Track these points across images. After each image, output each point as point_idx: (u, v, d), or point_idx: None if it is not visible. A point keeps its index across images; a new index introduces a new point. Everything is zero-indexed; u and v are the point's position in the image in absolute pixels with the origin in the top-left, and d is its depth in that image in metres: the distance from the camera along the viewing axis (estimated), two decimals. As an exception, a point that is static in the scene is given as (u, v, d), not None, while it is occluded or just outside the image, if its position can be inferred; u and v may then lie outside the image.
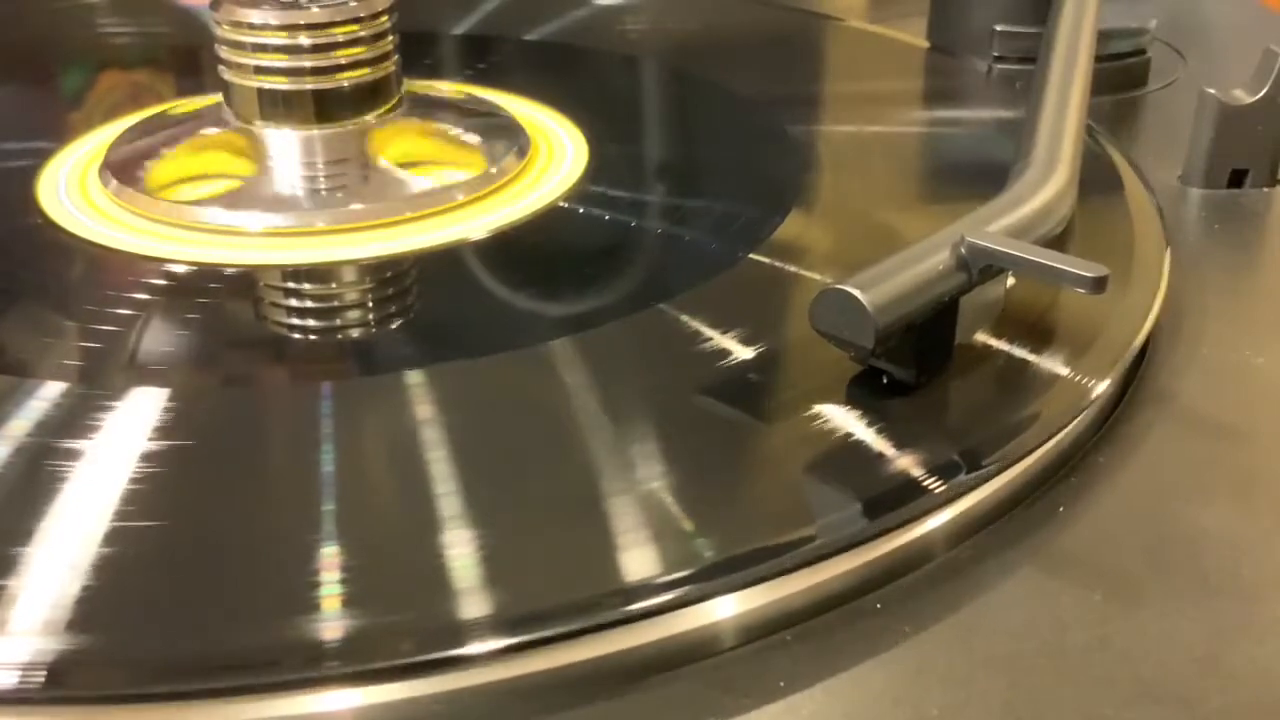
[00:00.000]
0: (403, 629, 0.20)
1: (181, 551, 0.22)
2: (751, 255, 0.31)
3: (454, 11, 0.50)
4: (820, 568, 0.22)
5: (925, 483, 0.23)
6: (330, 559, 0.21)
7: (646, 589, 0.21)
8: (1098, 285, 0.24)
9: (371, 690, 0.19)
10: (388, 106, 0.36)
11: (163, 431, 0.24)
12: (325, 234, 0.33)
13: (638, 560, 0.21)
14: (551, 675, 0.20)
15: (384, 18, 0.35)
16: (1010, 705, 0.20)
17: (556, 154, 0.37)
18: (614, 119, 0.40)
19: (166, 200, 0.33)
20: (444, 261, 0.32)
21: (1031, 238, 0.27)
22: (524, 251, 0.33)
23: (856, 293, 0.24)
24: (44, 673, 0.19)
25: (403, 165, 0.35)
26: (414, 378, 0.26)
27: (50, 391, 0.25)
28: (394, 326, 0.30)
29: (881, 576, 0.22)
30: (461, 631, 0.20)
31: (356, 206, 0.33)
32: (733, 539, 0.22)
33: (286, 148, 0.35)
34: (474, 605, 0.20)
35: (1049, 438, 0.25)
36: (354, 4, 0.35)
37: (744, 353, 0.27)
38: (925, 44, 0.47)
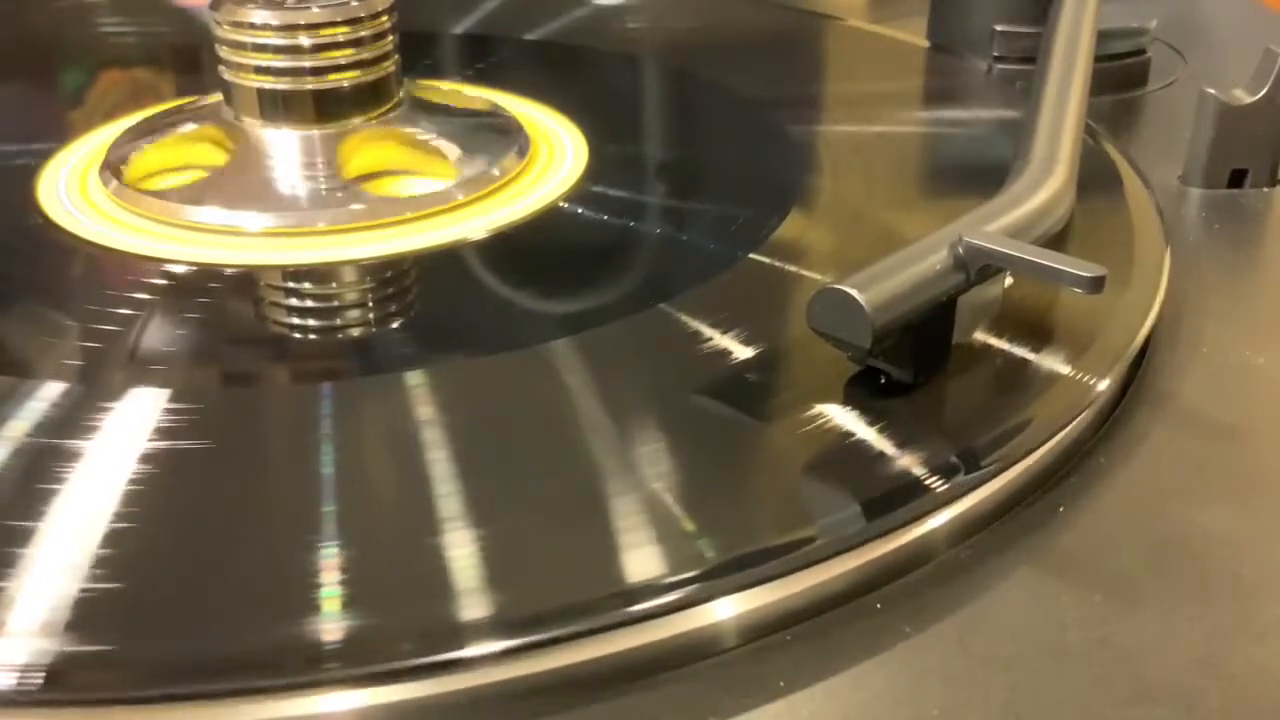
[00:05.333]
0: (403, 630, 0.20)
1: (181, 552, 0.22)
2: (751, 255, 0.31)
3: (454, 11, 0.50)
4: (820, 568, 0.22)
5: (925, 482, 0.23)
6: (330, 560, 0.21)
7: (647, 590, 0.21)
8: (1095, 285, 0.24)
9: (372, 692, 0.19)
10: (388, 106, 0.36)
11: (163, 432, 0.24)
12: (325, 234, 0.33)
13: (638, 561, 0.21)
14: (552, 676, 0.20)
15: (384, 18, 0.35)
16: (1010, 705, 0.20)
17: (557, 154, 0.37)
18: (614, 119, 0.40)
19: (169, 200, 0.33)
20: (444, 261, 0.32)
21: (1029, 237, 0.27)
22: (524, 252, 0.33)
23: (853, 292, 0.24)
24: (43, 674, 0.19)
25: (369, 176, 0.35)
26: (414, 378, 0.26)
27: (50, 392, 0.25)
28: (394, 326, 0.30)
29: (882, 576, 0.22)
30: (462, 633, 0.20)
31: (357, 206, 0.33)
32: (733, 539, 0.22)
33: (287, 148, 0.35)
34: (474, 606, 0.20)
35: (1048, 438, 0.25)
36: (354, 4, 0.35)
37: (743, 353, 0.27)
38: (925, 44, 0.47)
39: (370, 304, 0.31)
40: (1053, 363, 0.26)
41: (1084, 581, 0.22)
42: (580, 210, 0.34)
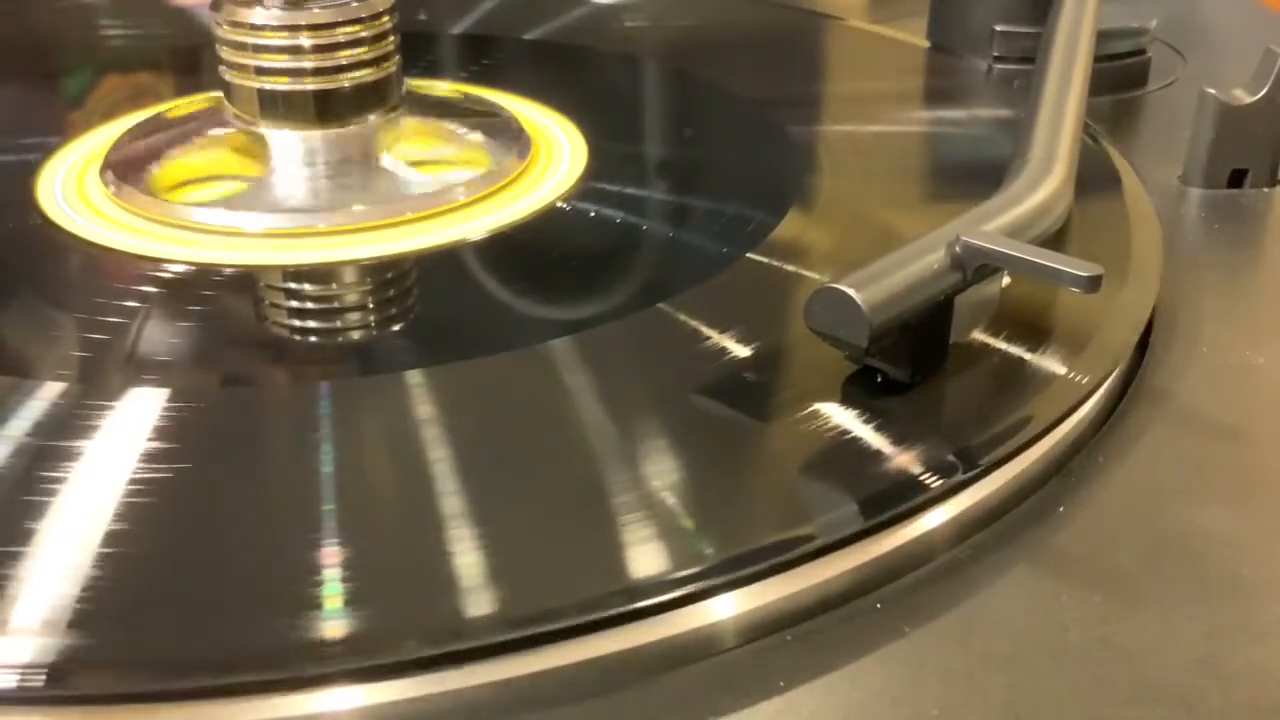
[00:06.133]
0: (403, 628, 0.20)
1: (182, 551, 0.22)
2: (750, 255, 0.31)
3: (454, 11, 0.50)
4: (820, 567, 0.22)
5: (923, 481, 0.23)
6: (332, 558, 0.21)
7: (646, 588, 0.21)
8: (1092, 284, 0.24)
9: (373, 688, 0.19)
10: (389, 107, 0.36)
11: (163, 432, 0.24)
12: (325, 234, 0.33)
13: (637, 559, 0.21)
14: (552, 674, 0.20)
15: (385, 18, 0.35)
16: (1010, 705, 0.20)
17: (556, 154, 0.37)
18: (614, 119, 0.40)
19: (170, 201, 0.33)
20: (444, 262, 0.32)
21: (1027, 237, 0.27)
22: (524, 252, 0.33)
23: (851, 292, 0.24)
24: (45, 673, 0.19)
25: (411, 164, 0.35)
26: (414, 378, 0.26)
27: (50, 392, 0.25)
28: (394, 327, 0.30)
29: (881, 576, 0.22)
30: (462, 630, 0.20)
31: (357, 207, 0.33)
32: (732, 538, 0.22)
33: (287, 148, 0.35)
34: (474, 604, 0.20)
35: (1045, 436, 0.25)
36: (355, 4, 0.35)
37: (742, 352, 0.27)
38: (925, 44, 0.47)
39: (371, 304, 0.31)
40: (1050, 362, 0.26)
41: (1083, 581, 0.22)
42: (580, 210, 0.34)
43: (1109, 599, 0.22)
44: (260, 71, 0.35)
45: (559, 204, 0.34)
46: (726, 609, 0.21)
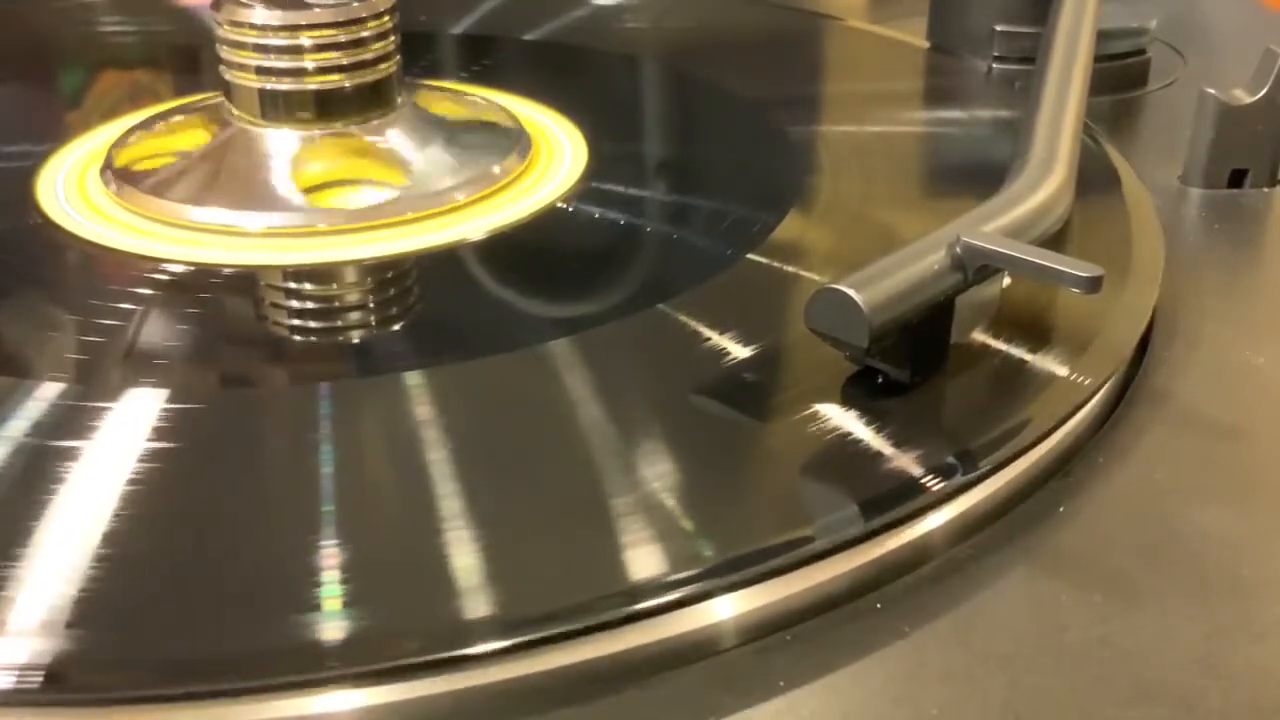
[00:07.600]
0: (402, 630, 0.20)
1: (181, 552, 0.22)
2: (750, 255, 0.31)
3: (454, 11, 0.50)
4: (819, 567, 0.22)
5: (923, 482, 0.23)
6: (330, 559, 0.21)
7: (646, 589, 0.21)
8: (1093, 285, 0.24)
9: (372, 691, 0.19)
10: (389, 107, 0.36)
11: (162, 432, 0.24)
12: (326, 234, 0.33)
13: (637, 561, 0.21)
14: (551, 675, 0.20)
15: (385, 18, 0.35)
16: (1009, 704, 0.20)
17: (556, 154, 0.37)
18: (614, 119, 0.40)
19: (170, 200, 0.33)
20: (444, 262, 0.32)
21: (1027, 237, 0.27)
22: (524, 252, 0.33)
23: (851, 292, 0.24)
24: (42, 674, 0.19)
25: (321, 186, 0.35)
26: (414, 378, 0.26)
27: (49, 391, 0.25)
28: (394, 327, 0.30)
29: (881, 576, 0.22)
30: (462, 632, 0.20)
31: (357, 207, 0.33)
32: (731, 539, 0.22)
33: (287, 148, 0.35)
34: (474, 606, 0.20)
35: (1046, 437, 0.25)
36: (356, 4, 0.35)
37: (742, 353, 0.27)
38: (925, 44, 0.47)
39: (370, 304, 0.31)
40: (1051, 363, 0.26)
41: (1083, 581, 0.22)
42: (580, 211, 0.34)
43: (1109, 599, 0.22)
44: (261, 71, 0.35)
45: (559, 204, 0.34)
46: (727, 609, 0.21)
